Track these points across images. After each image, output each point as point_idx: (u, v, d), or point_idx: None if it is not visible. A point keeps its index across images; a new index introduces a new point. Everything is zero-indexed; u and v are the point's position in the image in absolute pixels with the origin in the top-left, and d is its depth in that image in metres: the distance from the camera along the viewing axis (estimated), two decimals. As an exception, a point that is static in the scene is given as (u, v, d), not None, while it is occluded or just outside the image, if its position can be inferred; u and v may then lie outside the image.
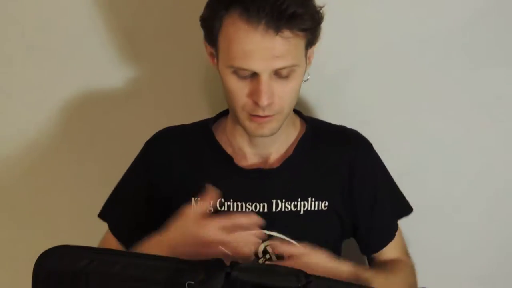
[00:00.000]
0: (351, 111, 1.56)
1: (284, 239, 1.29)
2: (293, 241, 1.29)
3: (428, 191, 1.62)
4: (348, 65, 1.55)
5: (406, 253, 1.41)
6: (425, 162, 1.61)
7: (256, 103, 1.17)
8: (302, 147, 1.35)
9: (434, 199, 1.62)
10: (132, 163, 1.40)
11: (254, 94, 1.17)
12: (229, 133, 1.35)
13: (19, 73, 1.62)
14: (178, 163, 1.35)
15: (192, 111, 1.55)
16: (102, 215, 1.39)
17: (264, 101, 1.16)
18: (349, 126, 1.41)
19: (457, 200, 1.63)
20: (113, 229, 1.38)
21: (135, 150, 1.40)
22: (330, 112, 1.56)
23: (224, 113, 1.40)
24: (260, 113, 1.19)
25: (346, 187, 1.33)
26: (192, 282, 0.94)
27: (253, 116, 1.21)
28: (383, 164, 1.40)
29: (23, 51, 1.60)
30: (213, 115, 1.42)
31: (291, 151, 1.34)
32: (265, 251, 1.28)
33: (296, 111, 1.40)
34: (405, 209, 1.43)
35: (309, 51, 1.23)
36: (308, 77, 1.31)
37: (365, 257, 1.42)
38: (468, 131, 1.57)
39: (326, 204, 1.31)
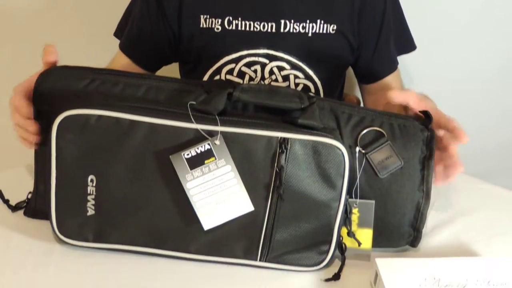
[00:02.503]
0: None
1: (290, 61, 1.28)
2: (299, 63, 1.28)
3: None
4: None
5: None
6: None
7: None
8: None
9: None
10: None
11: None
12: None
13: None
14: None
15: None
16: (116, 33, 1.37)
17: None
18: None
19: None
20: (123, 46, 1.36)
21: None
22: None
23: None
24: None
25: (355, 11, 1.29)
26: (194, 102, 0.94)
27: None
28: None
29: None
30: None
31: None
32: (271, 72, 1.28)
33: None
34: (409, 45, 1.42)
35: None
36: None
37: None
38: None
39: (335, 27, 1.28)
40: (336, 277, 0.98)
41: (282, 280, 0.98)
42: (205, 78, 1.31)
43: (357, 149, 0.98)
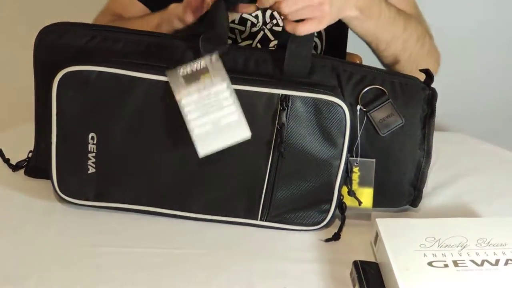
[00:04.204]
0: None
1: None
2: None
3: None
4: None
5: (419, 14, 1.29)
6: None
7: None
8: None
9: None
10: None
11: None
12: None
13: None
14: None
15: None
16: None
17: None
18: None
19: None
20: None
21: None
22: None
23: None
24: None
25: None
26: None
27: None
28: None
29: None
30: None
31: None
32: (272, 16, 1.26)
33: None
34: None
35: None
36: None
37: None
38: None
39: None
40: (336, 237, 0.98)
41: (282, 239, 0.98)
42: None
43: (358, 107, 0.98)
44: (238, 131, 0.91)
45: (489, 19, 1.73)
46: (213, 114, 0.90)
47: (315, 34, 1.25)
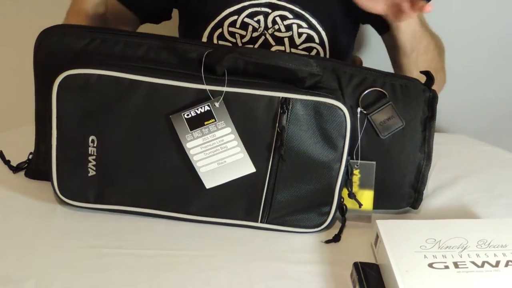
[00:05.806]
0: None
1: (292, 9, 1.26)
2: (303, 12, 1.25)
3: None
4: None
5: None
6: None
7: None
8: None
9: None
10: None
11: None
12: None
13: None
14: None
15: None
16: None
17: None
18: None
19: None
20: None
21: None
22: None
23: None
24: None
25: None
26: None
27: None
28: None
29: None
30: None
31: None
32: (274, 22, 1.26)
33: None
34: None
35: None
36: None
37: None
38: None
39: None
40: (337, 238, 0.98)
41: (282, 241, 0.98)
42: (207, 31, 1.28)
43: (359, 109, 0.98)
44: (243, 167, 0.94)
45: (490, 17, 1.72)
46: (218, 155, 0.93)
47: (317, 41, 1.26)
